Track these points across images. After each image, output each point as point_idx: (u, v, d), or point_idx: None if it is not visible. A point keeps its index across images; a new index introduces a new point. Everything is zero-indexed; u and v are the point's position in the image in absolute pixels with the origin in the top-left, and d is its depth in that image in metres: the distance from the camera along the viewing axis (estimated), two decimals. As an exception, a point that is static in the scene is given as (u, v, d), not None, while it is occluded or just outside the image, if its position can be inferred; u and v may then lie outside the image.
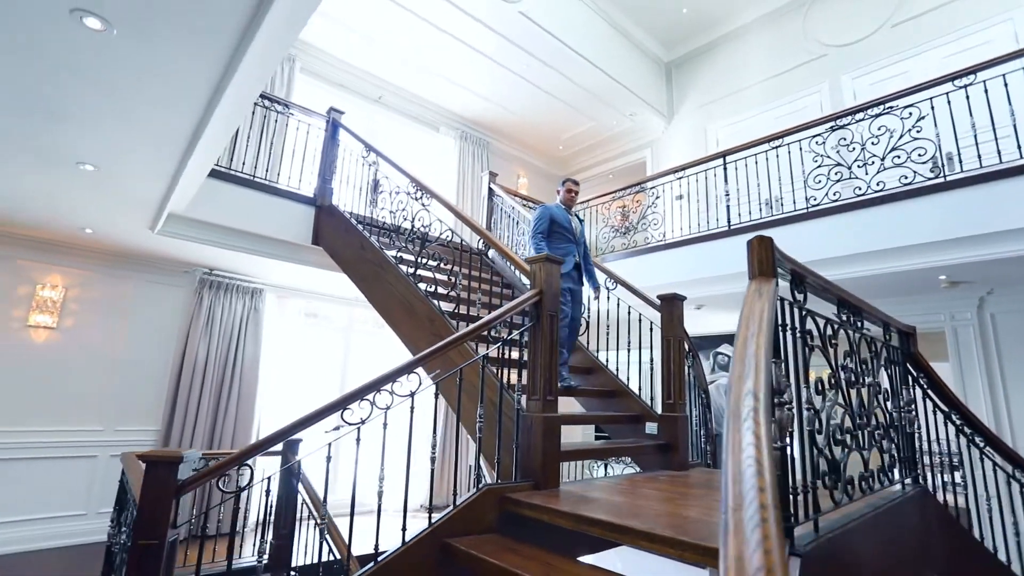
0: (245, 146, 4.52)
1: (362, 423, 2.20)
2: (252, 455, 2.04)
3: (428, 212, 3.81)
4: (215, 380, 4.91)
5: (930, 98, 3.91)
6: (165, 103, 2.13)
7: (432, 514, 2.22)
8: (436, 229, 3.88)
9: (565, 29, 5.92)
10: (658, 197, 5.69)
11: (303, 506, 3.91)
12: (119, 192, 3.10)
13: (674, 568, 1.81)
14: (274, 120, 4.64)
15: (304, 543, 4.12)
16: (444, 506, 2.27)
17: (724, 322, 6.21)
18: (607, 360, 3.91)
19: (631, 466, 3.77)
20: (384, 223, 4.16)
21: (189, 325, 4.91)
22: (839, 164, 4.24)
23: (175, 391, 4.75)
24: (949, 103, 3.82)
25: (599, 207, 6.24)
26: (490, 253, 5.15)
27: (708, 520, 1.94)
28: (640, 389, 3.77)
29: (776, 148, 4.66)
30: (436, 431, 2.30)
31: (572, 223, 3.77)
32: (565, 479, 2.68)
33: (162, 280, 4.92)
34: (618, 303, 4.08)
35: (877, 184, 4.01)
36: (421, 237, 3.78)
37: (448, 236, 3.74)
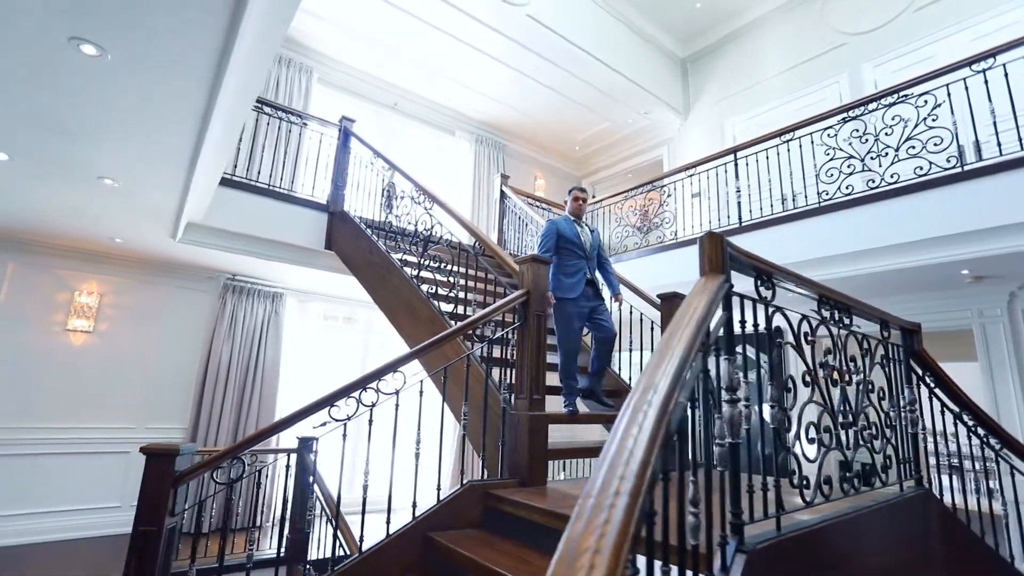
0: (260, 156, 4.73)
1: (348, 419, 2.29)
2: (243, 449, 2.16)
3: (431, 216, 3.90)
4: (238, 381, 5.15)
5: (946, 84, 3.74)
6: (164, 120, 2.29)
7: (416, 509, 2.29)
8: (440, 232, 3.96)
9: (574, 30, 5.93)
10: (669, 195, 5.63)
11: (316, 502, 4.05)
12: (138, 203, 3.32)
13: (642, 563, 1.82)
14: (287, 130, 4.84)
15: (318, 537, 4.27)
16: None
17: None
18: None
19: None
20: (391, 226, 4.27)
21: (213, 328, 5.17)
22: (852, 157, 4.10)
23: (201, 391, 5.01)
24: (967, 89, 3.64)
25: (611, 207, 6.21)
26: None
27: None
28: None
29: (787, 142, 4.55)
30: (419, 427, 2.38)
31: (582, 236, 3.44)
32: (567, 477, 2.71)
33: (188, 286, 5.19)
34: (620, 303, 4.07)
35: (891, 176, 3.86)
36: (424, 240, 3.88)
37: (449, 238, 3.81)
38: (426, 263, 3.78)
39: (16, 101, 2.21)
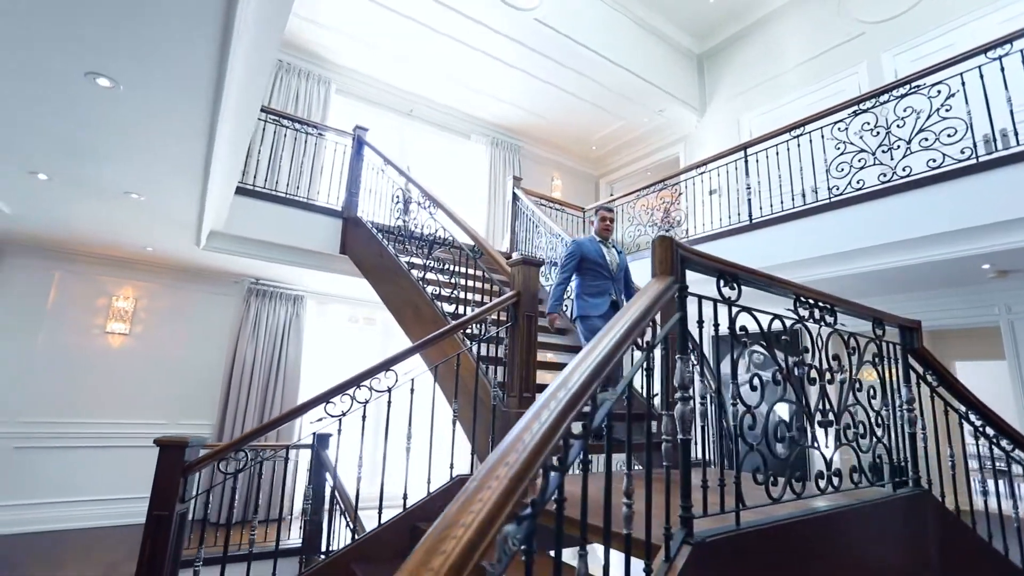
0: (278, 165, 4.96)
1: (344, 415, 2.43)
2: (244, 443, 2.32)
3: (435, 220, 4.02)
4: (261, 379, 5.41)
5: (960, 73, 3.61)
6: (174, 137, 2.48)
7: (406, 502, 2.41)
8: (444, 235, 4.08)
9: (583, 31, 5.96)
10: (680, 194, 5.59)
11: (331, 494, 4.23)
12: (162, 214, 3.56)
13: (618, 559, 1.87)
14: (303, 141, 5.05)
15: (335, 529, 4.45)
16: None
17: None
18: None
19: (635, 463, 3.77)
20: (399, 230, 4.42)
21: (239, 330, 5.45)
22: (863, 151, 4.00)
23: (227, 389, 5.29)
24: (982, 77, 3.52)
25: (623, 207, 6.21)
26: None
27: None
28: (643, 388, 3.76)
29: (798, 137, 4.46)
30: (410, 423, 2.49)
31: (608, 257, 3.34)
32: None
33: (216, 290, 5.49)
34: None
35: (903, 169, 3.75)
36: (429, 243, 4.00)
37: (451, 240, 3.92)
38: (431, 265, 3.91)
39: (47, 128, 2.45)
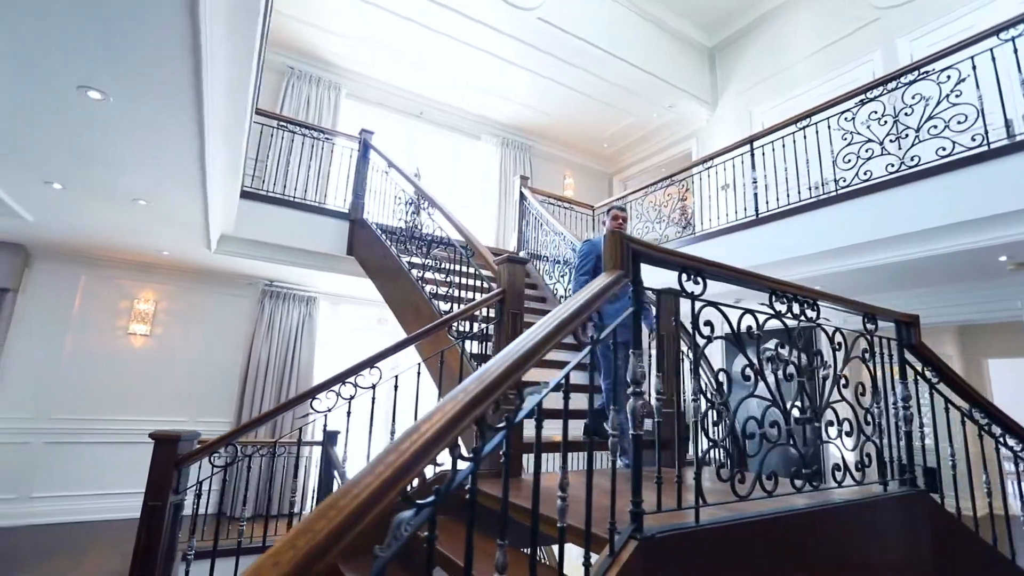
0: (285, 169, 5.10)
1: (330, 411, 2.49)
2: (231, 439, 2.41)
3: (432, 220, 4.07)
4: (275, 378, 5.57)
5: (971, 57, 3.46)
6: (167, 144, 2.60)
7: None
8: (442, 235, 4.13)
9: (587, 28, 5.93)
10: (687, 189, 5.51)
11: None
12: (168, 219, 3.72)
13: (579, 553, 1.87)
14: (310, 145, 5.18)
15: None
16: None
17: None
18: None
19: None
20: (401, 231, 4.49)
21: (253, 330, 5.63)
22: (870, 140, 3.88)
23: (243, 387, 5.47)
24: (993, 60, 3.36)
25: (632, 204, 6.15)
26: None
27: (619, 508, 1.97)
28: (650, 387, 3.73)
29: (804, 129, 4.35)
30: (394, 419, 2.54)
31: None
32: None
33: (231, 292, 5.68)
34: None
35: (912, 159, 3.62)
36: (427, 243, 4.06)
37: (447, 239, 3.97)
38: (429, 264, 3.96)
39: (53, 139, 2.60)
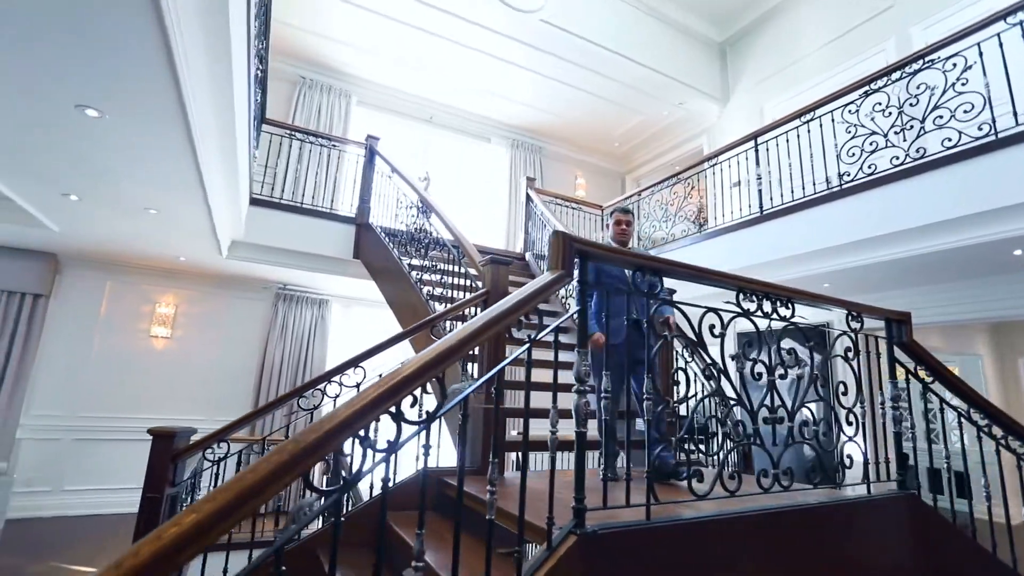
0: (295, 176, 5.26)
1: (315, 408, 2.58)
2: (226, 435, 2.52)
3: (429, 223, 4.15)
4: (289, 379, 5.75)
5: (978, 43, 3.33)
6: (164, 158, 2.74)
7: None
8: (437, 236, 4.20)
9: (591, 27, 5.92)
10: (693, 187, 5.44)
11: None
12: (176, 226, 3.91)
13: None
14: (318, 152, 5.33)
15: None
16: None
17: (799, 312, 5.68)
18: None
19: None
20: (402, 233, 4.59)
21: (268, 333, 5.82)
22: (874, 133, 3.76)
23: (258, 387, 5.66)
24: (1001, 45, 3.22)
25: (639, 203, 6.11)
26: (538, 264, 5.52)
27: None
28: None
29: (808, 123, 4.25)
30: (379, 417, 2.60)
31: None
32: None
33: (246, 296, 5.90)
34: (670, 331, 4.02)
35: (917, 151, 3.50)
36: (424, 245, 4.14)
37: (442, 240, 4.03)
38: (426, 265, 4.04)
39: (61, 154, 2.78)
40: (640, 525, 1.55)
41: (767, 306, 2.03)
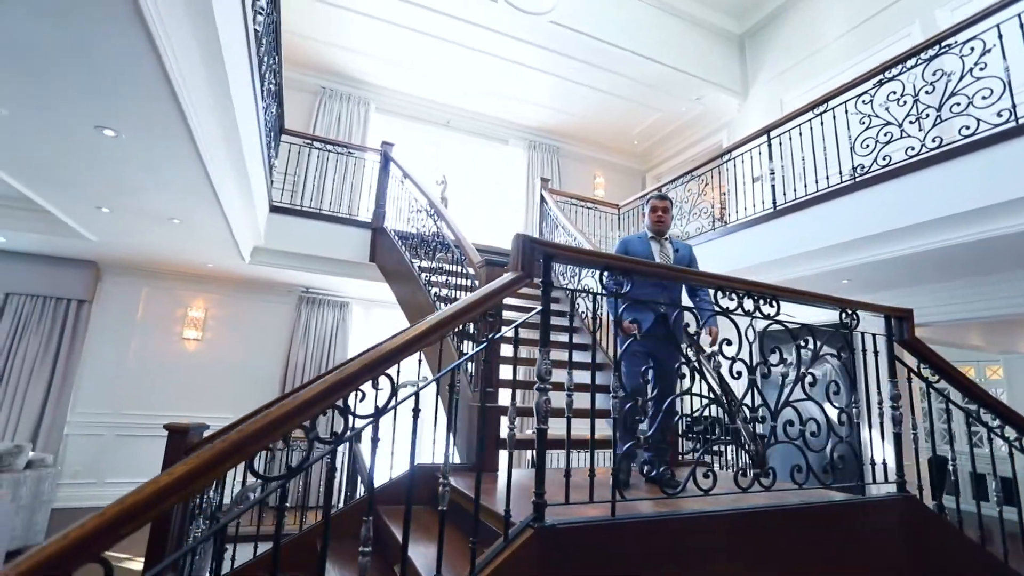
0: (314, 183, 5.46)
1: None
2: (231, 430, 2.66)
3: (437, 226, 4.24)
4: (311, 379, 5.96)
5: (997, 24, 3.17)
6: (180, 173, 2.93)
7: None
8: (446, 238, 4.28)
9: (604, 27, 5.90)
10: (707, 184, 5.35)
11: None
12: (199, 234, 4.13)
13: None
14: (335, 160, 5.52)
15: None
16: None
17: (808, 313, 5.51)
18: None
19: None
20: (412, 236, 4.70)
21: (291, 335, 6.06)
22: (888, 123, 3.62)
23: (282, 388, 5.90)
24: (1022, 26, 3.06)
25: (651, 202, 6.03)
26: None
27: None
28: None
29: (821, 115, 4.13)
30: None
31: (660, 257, 2.64)
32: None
33: (271, 299, 6.15)
34: (714, 339, 4.00)
35: (933, 140, 3.35)
36: (432, 248, 4.24)
37: (447, 242, 4.11)
38: (434, 267, 4.13)
39: (88, 171, 3.01)
40: (602, 521, 1.57)
41: (748, 304, 2.01)
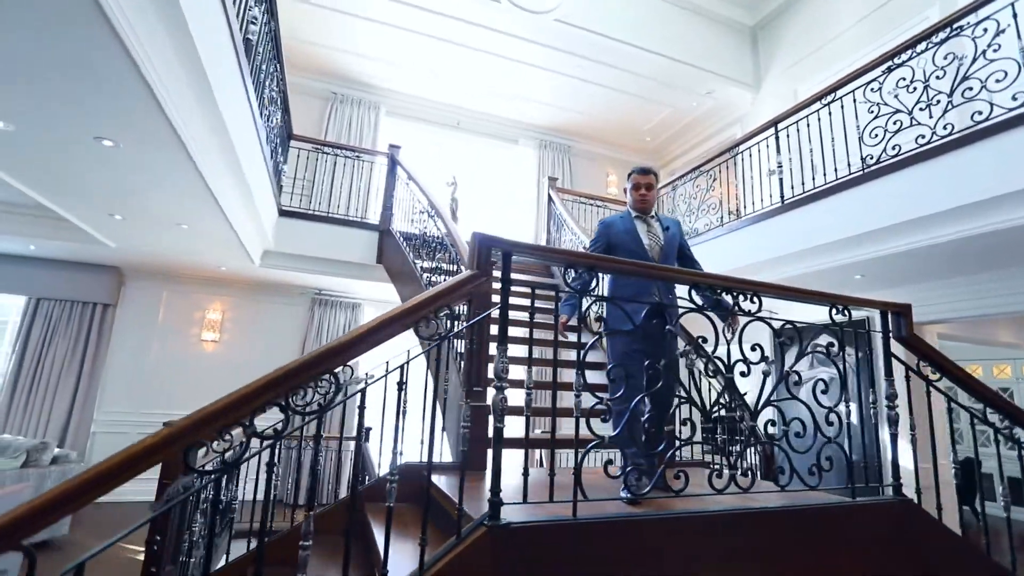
0: (322, 186, 5.56)
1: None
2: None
3: (437, 227, 4.27)
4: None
5: (1011, 3, 3.00)
6: (179, 180, 3.03)
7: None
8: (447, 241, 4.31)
9: (610, 23, 5.84)
10: (715, 179, 5.23)
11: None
12: (207, 238, 4.26)
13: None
14: (342, 163, 5.62)
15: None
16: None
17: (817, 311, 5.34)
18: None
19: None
20: (414, 237, 4.74)
21: (305, 335, 6.19)
22: (898, 111, 3.48)
23: (296, 388, 6.03)
24: (1038, 4, 2.89)
25: (664, 199, 5.95)
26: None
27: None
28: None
29: (828, 105, 3.99)
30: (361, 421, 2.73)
31: (646, 237, 2.40)
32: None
33: (285, 301, 6.30)
34: (734, 330, 3.95)
35: (944, 128, 3.20)
36: (432, 248, 4.27)
37: (446, 244, 4.14)
38: (435, 266, 4.17)
39: (95, 180, 3.15)
40: (562, 521, 1.55)
41: (727, 300, 1.96)
